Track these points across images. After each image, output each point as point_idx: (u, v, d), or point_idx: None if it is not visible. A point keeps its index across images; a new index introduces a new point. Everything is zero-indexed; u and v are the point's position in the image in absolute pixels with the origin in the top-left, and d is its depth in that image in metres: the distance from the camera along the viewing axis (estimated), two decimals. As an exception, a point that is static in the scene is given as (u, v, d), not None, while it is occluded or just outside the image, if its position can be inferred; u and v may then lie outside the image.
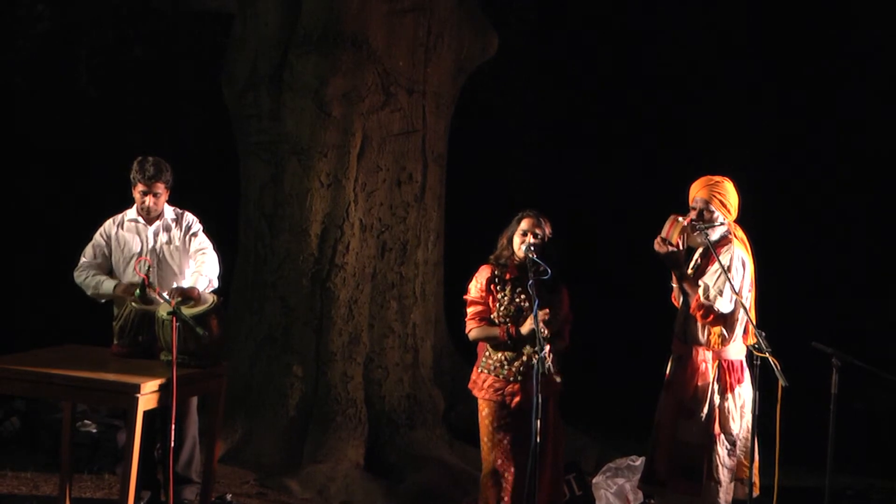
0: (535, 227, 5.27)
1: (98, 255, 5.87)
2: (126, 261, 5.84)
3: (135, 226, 5.89)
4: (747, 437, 5.14)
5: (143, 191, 5.80)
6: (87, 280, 5.79)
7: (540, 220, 5.31)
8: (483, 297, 5.32)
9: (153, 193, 5.80)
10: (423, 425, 7.55)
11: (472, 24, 7.99)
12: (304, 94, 7.44)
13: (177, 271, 5.86)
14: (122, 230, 5.89)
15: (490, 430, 5.29)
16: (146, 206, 5.82)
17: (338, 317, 7.47)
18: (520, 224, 5.31)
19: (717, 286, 5.09)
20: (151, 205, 5.81)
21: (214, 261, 5.84)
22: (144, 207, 5.83)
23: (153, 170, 5.77)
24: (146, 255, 5.79)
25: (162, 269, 5.85)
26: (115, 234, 5.89)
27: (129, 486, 4.99)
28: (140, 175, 5.78)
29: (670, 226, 5.20)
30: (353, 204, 7.52)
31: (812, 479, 7.12)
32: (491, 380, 5.29)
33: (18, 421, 7.43)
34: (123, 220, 5.92)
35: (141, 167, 5.79)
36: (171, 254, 5.88)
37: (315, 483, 6.92)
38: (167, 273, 5.85)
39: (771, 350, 4.85)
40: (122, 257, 5.86)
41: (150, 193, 5.80)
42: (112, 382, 5.03)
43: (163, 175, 5.80)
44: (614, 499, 6.42)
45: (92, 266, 5.84)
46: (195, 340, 5.23)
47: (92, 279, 5.77)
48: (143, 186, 5.79)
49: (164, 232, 5.89)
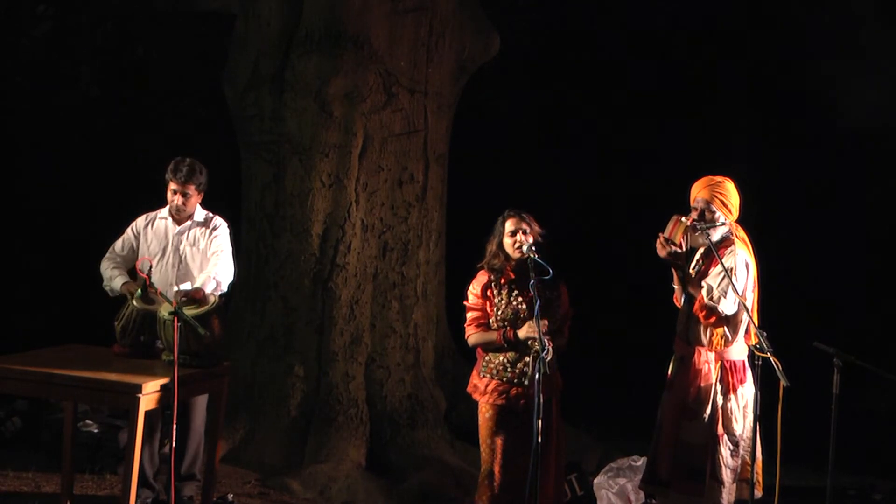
0: (520, 224, 5.26)
1: (126, 248, 5.99)
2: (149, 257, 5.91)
3: (164, 224, 5.99)
4: (750, 438, 5.14)
5: (175, 190, 5.91)
6: (106, 271, 5.92)
7: (523, 216, 5.30)
8: (480, 303, 5.32)
9: (183, 194, 5.90)
10: (425, 425, 7.55)
11: (474, 25, 8.00)
12: (306, 94, 7.44)
13: (196, 273, 5.92)
14: (152, 227, 6.00)
15: (492, 432, 5.28)
16: (175, 205, 5.92)
17: (339, 317, 7.48)
18: (505, 225, 5.30)
19: (721, 287, 5.09)
20: (180, 204, 5.91)
21: (228, 264, 5.90)
22: (174, 207, 5.94)
23: (186, 171, 5.88)
24: (169, 255, 5.88)
25: (181, 270, 5.93)
26: (143, 230, 6.00)
27: (130, 485, 5.00)
28: (173, 175, 5.89)
29: (673, 226, 5.20)
30: (354, 204, 7.53)
31: (814, 479, 7.13)
32: (494, 383, 5.28)
33: (20, 421, 7.44)
34: (156, 217, 6.03)
35: (175, 167, 5.90)
36: (193, 255, 5.95)
37: (317, 483, 6.92)
38: (187, 274, 5.92)
39: (772, 350, 4.85)
40: (146, 253, 5.95)
41: (180, 193, 5.89)
42: (114, 382, 5.04)
43: (195, 177, 5.89)
44: (616, 499, 6.42)
45: (117, 258, 5.96)
46: (197, 340, 5.24)
47: (109, 272, 5.90)
48: (176, 185, 5.90)
49: (189, 233, 5.97)
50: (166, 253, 5.92)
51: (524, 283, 5.20)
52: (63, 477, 5.81)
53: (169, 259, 5.93)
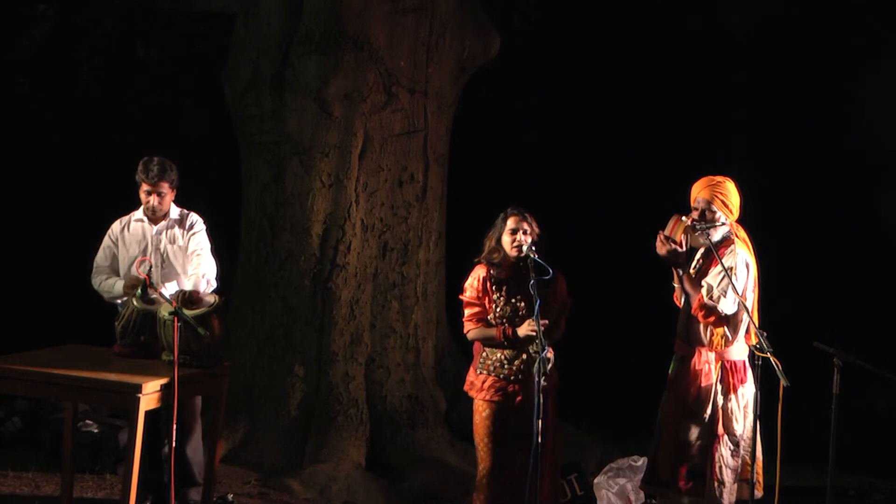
0: (521, 224, 5.27)
1: (108, 257, 5.95)
2: (130, 260, 5.89)
3: (140, 226, 5.95)
4: (750, 438, 5.14)
5: (148, 190, 5.85)
6: (101, 285, 5.88)
7: (525, 216, 5.30)
8: (479, 297, 5.31)
9: (157, 193, 5.84)
10: (425, 425, 7.55)
11: (474, 24, 7.99)
12: (306, 94, 7.44)
13: (179, 271, 5.90)
14: (129, 231, 5.95)
15: (489, 430, 5.27)
16: (151, 205, 5.87)
17: (339, 317, 7.48)
18: (506, 223, 5.30)
19: (721, 287, 5.09)
20: (156, 204, 5.86)
21: (211, 262, 5.88)
22: (149, 207, 5.88)
23: (157, 170, 5.82)
24: (150, 255, 5.84)
25: (165, 269, 5.89)
26: (121, 235, 5.95)
27: (130, 486, 4.99)
28: (144, 175, 5.83)
29: (674, 225, 5.20)
30: (354, 204, 7.53)
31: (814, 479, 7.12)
32: (491, 380, 5.28)
33: (20, 421, 7.44)
34: (130, 220, 5.98)
35: (145, 167, 5.83)
36: (175, 254, 5.91)
37: (317, 483, 6.92)
38: (170, 273, 5.89)
39: (772, 350, 4.85)
40: (127, 257, 5.91)
41: (154, 193, 5.84)
42: (114, 382, 5.03)
43: (167, 175, 5.84)
44: (616, 499, 6.42)
45: (104, 270, 5.91)
46: (197, 340, 5.24)
47: (105, 283, 5.86)
48: (148, 186, 5.84)
49: (168, 232, 5.93)
50: (147, 254, 5.86)
51: (521, 282, 5.20)
52: (63, 477, 5.80)
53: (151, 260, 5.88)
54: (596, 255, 10.29)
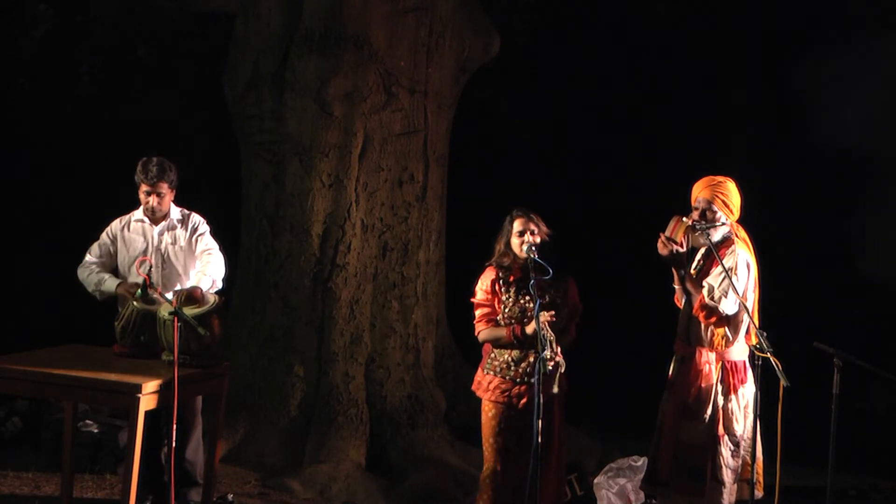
0: (527, 224, 5.27)
1: (103, 253, 5.93)
2: (131, 261, 5.88)
3: (141, 226, 5.94)
4: (751, 438, 5.14)
5: (147, 191, 5.85)
6: (89, 277, 5.84)
7: (531, 217, 5.31)
8: (489, 299, 5.33)
9: (157, 194, 5.84)
10: (425, 425, 7.55)
11: (474, 25, 8.00)
12: (306, 94, 7.44)
13: (181, 272, 5.89)
14: (129, 230, 5.95)
15: (495, 431, 5.28)
16: (150, 206, 5.86)
17: (339, 317, 7.48)
18: (513, 225, 5.32)
19: (722, 287, 5.09)
20: (155, 205, 5.85)
21: (220, 262, 5.87)
22: (148, 208, 5.88)
23: (156, 170, 5.81)
24: (150, 256, 5.83)
25: (166, 270, 5.88)
26: (120, 233, 5.94)
27: (130, 486, 4.99)
28: (143, 176, 5.82)
29: (674, 225, 5.19)
30: (354, 204, 7.53)
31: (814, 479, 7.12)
32: (497, 381, 5.29)
33: (20, 421, 7.45)
34: (130, 220, 5.97)
35: (144, 168, 5.83)
36: (176, 254, 5.91)
37: (317, 483, 6.92)
38: (171, 273, 5.88)
39: (772, 350, 4.85)
40: (127, 257, 5.90)
41: (153, 194, 5.84)
42: (114, 382, 5.03)
43: (166, 175, 5.83)
44: (616, 499, 6.42)
45: (96, 264, 5.89)
46: (197, 340, 5.24)
47: (95, 276, 5.82)
48: (147, 187, 5.84)
49: (169, 232, 5.92)
50: (148, 254, 5.85)
51: (529, 282, 5.21)
52: (63, 477, 5.81)
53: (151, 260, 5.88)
54: (596, 255, 10.29)
